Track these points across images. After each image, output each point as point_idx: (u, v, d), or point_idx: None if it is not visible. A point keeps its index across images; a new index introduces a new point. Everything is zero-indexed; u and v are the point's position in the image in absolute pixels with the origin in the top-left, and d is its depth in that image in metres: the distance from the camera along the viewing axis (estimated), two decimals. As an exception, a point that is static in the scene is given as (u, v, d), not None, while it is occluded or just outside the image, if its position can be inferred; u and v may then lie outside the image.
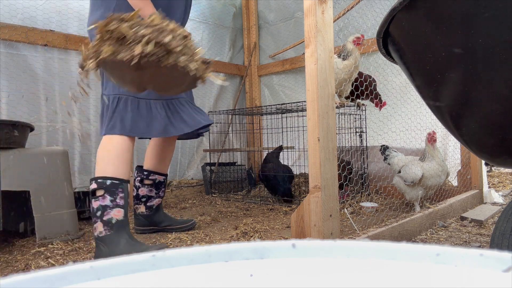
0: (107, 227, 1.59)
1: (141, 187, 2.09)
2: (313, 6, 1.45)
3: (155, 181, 2.10)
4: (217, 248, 0.39)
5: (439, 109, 1.11)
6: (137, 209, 2.12)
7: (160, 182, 2.13)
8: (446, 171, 2.25)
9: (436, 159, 2.22)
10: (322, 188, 1.46)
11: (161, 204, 2.18)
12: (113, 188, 1.61)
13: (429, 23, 0.98)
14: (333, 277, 0.35)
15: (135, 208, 2.12)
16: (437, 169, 2.21)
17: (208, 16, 3.87)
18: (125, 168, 1.67)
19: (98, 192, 1.61)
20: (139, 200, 2.10)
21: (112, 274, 0.35)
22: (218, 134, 3.85)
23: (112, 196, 1.60)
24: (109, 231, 1.59)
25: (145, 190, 2.10)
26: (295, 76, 3.87)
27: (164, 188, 2.17)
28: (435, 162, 2.21)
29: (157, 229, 2.14)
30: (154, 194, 2.12)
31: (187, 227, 2.14)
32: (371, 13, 2.95)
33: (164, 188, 2.17)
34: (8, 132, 1.90)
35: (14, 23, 2.55)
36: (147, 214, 2.12)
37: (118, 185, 1.62)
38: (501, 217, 1.17)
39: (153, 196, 2.12)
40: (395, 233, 1.73)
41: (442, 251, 0.36)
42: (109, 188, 1.60)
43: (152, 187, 2.11)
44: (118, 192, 1.61)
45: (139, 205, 2.11)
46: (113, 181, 1.61)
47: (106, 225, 1.59)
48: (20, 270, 1.58)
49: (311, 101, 1.48)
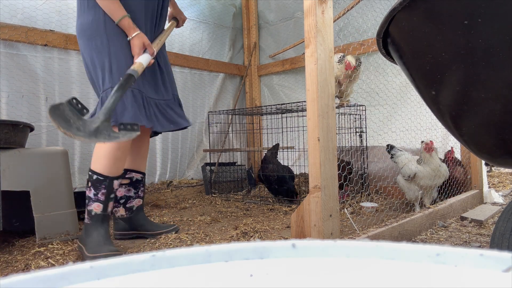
0: (88, 217, 1.73)
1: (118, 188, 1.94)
2: (313, 6, 1.45)
3: (132, 179, 2.01)
4: (217, 248, 0.39)
5: (439, 109, 1.11)
6: (116, 212, 2.02)
7: (138, 181, 2.04)
8: (442, 175, 2.30)
9: (431, 165, 2.29)
10: (322, 188, 1.46)
11: (142, 206, 2.07)
12: (97, 183, 1.71)
13: (429, 23, 0.98)
14: (333, 277, 0.35)
15: (114, 212, 2.02)
16: (430, 173, 2.28)
17: (208, 16, 3.87)
18: (113, 166, 1.72)
19: (88, 183, 1.74)
20: (117, 202, 2.00)
21: (112, 274, 0.35)
22: (218, 134, 3.86)
23: (96, 191, 1.71)
24: (89, 220, 1.73)
25: (123, 191, 2.01)
26: (295, 76, 3.87)
27: (143, 188, 2.08)
28: (429, 168, 2.29)
29: (138, 234, 2.03)
30: (133, 194, 2.03)
31: (169, 232, 2.05)
32: (371, 13, 2.95)
33: (143, 188, 2.08)
34: (8, 132, 1.90)
35: (14, 23, 2.55)
36: (127, 217, 2.02)
37: (102, 182, 1.71)
38: (501, 217, 1.17)
39: (132, 196, 2.03)
40: (395, 233, 1.73)
41: (442, 251, 0.36)
42: (94, 183, 1.71)
43: (130, 186, 2.02)
44: (101, 188, 1.71)
45: (118, 207, 2.01)
46: (98, 177, 1.71)
47: (88, 214, 1.73)
48: (20, 270, 1.58)
49: (311, 101, 1.48)
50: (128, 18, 1.71)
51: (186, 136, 3.64)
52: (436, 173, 2.28)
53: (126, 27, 1.71)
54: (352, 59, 2.40)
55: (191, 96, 3.66)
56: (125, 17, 1.70)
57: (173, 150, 3.52)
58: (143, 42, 1.72)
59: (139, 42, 1.71)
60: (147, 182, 3.26)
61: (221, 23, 3.99)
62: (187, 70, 3.63)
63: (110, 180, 1.72)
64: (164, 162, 3.45)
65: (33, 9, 2.68)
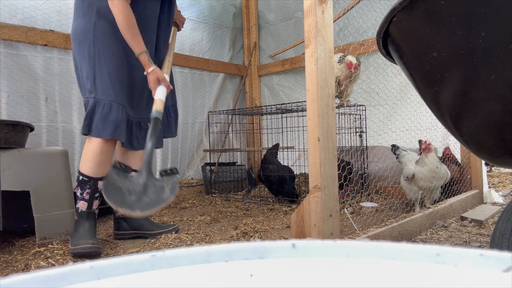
0: (76, 213, 1.83)
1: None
2: (313, 6, 1.45)
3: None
4: (217, 248, 0.39)
5: (439, 109, 1.11)
6: (116, 213, 2.03)
7: None
8: (441, 177, 2.28)
9: (429, 166, 2.27)
10: (322, 188, 1.46)
11: None
12: (83, 184, 1.80)
13: (429, 24, 0.98)
14: (333, 277, 0.35)
15: (114, 212, 2.03)
16: (428, 175, 2.27)
17: (208, 16, 3.87)
18: (98, 168, 1.79)
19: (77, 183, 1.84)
20: None
21: (112, 274, 0.35)
22: (218, 134, 3.85)
23: (82, 190, 1.80)
24: (76, 216, 1.82)
25: None
26: (295, 76, 3.87)
27: None
28: (426, 168, 2.27)
29: (138, 234, 2.04)
30: None
31: (169, 231, 2.05)
32: (371, 13, 2.95)
33: None
34: (8, 132, 1.90)
35: (14, 23, 2.55)
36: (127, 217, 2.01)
37: (87, 182, 1.79)
38: (501, 217, 1.17)
39: None
40: (395, 233, 1.73)
41: (442, 251, 0.36)
42: (80, 183, 1.81)
43: None
44: (86, 188, 1.80)
45: None
46: (84, 178, 1.80)
47: (76, 211, 1.83)
48: (20, 270, 1.58)
49: (311, 101, 1.48)
50: (145, 54, 1.74)
51: (186, 136, 3.64)
52: (435, 175, 2.26)
53: (143, 62, 1.75)
54: (353, 59, 2.40)
55: (191, 96, 3.66)
56: (143, 53, 1.73)
57: (173, 150, 3.52)
58: (157, 77, 1.76)
59: (153, 78, 1.75)
60: (147, 182, 3.26)
61: (221, 23, 3.99)
62: (187, 70, 3.63)
63: (95, 180, 1.79)
64: (164, 162, 3.45)
65: (33, 9, 2.68)
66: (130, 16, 1.71)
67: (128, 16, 1.70)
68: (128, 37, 1.72)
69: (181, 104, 3.56)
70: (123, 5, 1.68)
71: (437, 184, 2.30)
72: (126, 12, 1.69)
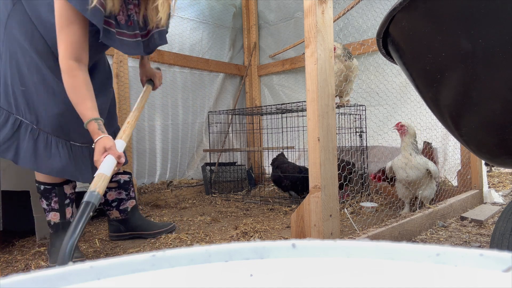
0: (49, 227, 1.70)
1: (108, 192, 1.95)
2: (313, 6, 1.45)
3: (120, 181, 1.98)
4: (217, 248, 0.39)
5: (439, 109, 1.11)
6: (110, 215, 2.00)
7: (126, 182, 2.00)
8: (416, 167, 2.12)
9: (403, 152, 2.17)
10: (322, 188, 1.46)
11: (136, 206, 2.05)
12: (47, 193, 1.66)
13: (429, 23, 0.98)
14: (333, 277, 0.35)
15: (108, 214, 2.01)
16: (402, 162, 2.16)
17: (208, 16, 3.87)
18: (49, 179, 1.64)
19: (40, 195, 1.69)
20: (109, 205, 1.98)
21: (112, 274, 0.35)
22: (218, 134, 3.85)
23: (47, 201, 1.67)
24: (51, 230, 1.69)
25: (114, 194, 1.97)
26: (295, 76, 3.87)
27: (132, 188, 2.04)
28: (401, 155, 2.18)
29: (135, 235, 2.02)
30: (125, 196, 1.99)
31: (166, 231, 2.05)
32: (371, 13, 2.95)
33: (132, 188, 2.04)
34: (8, 132, 1.90)
35: None
36: (123, 219, 2.00)
37: (51, 190, 1.66)
38: (501, 217, 1.17)
39: (124, 198, 1.99)
40: (395, 233, 1.73)
41: (442, 251, 0.36)
42: (43, 193, 1.66)
43: (120, 188, 1.98)
44: (51, 197, 1.67)
45: (110, 210, 1.98)
46: (45, 187, 1.66)
47: (48, 225, 1.70)
48: (20, 270, 1.58)
49: (311, 101, 1.48)
50: (94, 122, 1.45)
51: (186, 136, 3.64)
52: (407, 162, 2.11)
53: (91, 131, 1.47)
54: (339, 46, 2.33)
55: (191, 96, 3.66)
56: (91, 121, 1.45)
57: (173, 150, 3.52)
58: (103, 147, 1.42)
59: (98, 147, 1.43)
60: (147, 182, 3.27)
61: (221, 23, 3.99)
62: (187, 70, 3.63)
63: (59, 186, 1.67)
64: (164, 162, 3.45)
65: (33, 9, 2.67)
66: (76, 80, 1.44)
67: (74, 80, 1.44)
68: (75, 103, 1.46)
69: (181, 104, 3.57)
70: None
71: (413, 175, 2.13)
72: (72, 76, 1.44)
